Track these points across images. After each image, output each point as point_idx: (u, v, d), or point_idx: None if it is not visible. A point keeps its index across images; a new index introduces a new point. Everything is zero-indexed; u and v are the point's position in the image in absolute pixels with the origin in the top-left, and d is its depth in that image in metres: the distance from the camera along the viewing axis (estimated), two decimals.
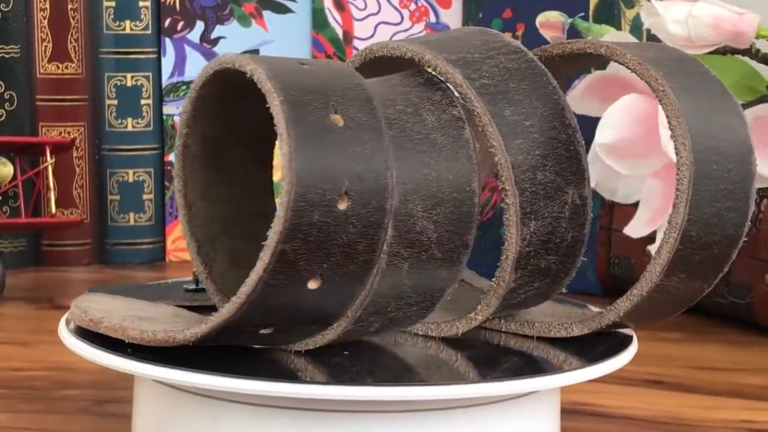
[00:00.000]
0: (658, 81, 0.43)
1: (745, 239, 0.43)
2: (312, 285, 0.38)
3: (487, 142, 0.42)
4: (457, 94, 0.43)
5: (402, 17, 0.86)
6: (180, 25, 0.86)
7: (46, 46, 0.86)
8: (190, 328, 0.39)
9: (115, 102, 0.86)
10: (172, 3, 0.86)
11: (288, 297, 0.38)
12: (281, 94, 0.37)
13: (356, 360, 0.42)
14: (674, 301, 0.44)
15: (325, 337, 0.41)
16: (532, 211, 0.41)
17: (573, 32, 0.79)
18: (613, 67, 0.72)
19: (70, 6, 0.86)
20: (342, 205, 0.37)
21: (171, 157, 0.87)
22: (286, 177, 0.36)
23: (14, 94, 0.85)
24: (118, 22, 0.85)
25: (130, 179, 0.87)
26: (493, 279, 0.43)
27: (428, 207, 0.40)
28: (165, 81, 0.87)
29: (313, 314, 0.40)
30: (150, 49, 0.87)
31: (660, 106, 0.63)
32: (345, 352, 0.42)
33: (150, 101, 0.87)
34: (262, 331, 0.40)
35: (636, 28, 0.78)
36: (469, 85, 0.42)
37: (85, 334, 0.43)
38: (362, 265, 0.39)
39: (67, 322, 0.44)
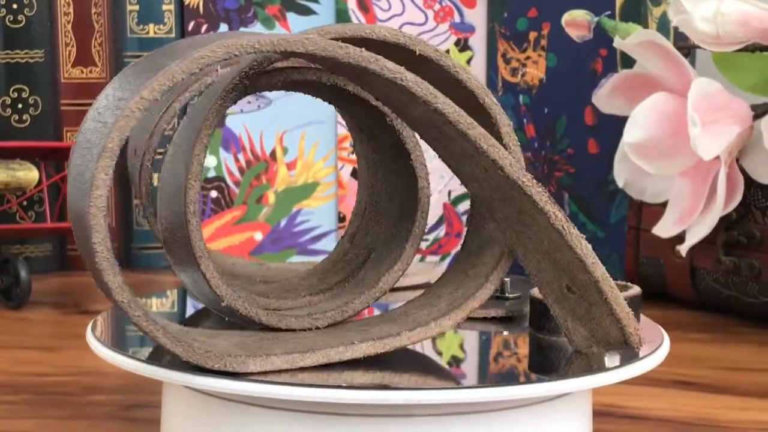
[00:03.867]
0: None
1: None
2: None
3: None
4: None
5: (426, 17, 0.86)
6: (204, 27, 0.86)
7: (70, 51, 0.86)
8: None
9: None
10: (195, 6, 0.86)
11: None
12: None
13: (381, 362, 0.41)
14: None
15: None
16: (163, 199, 0.44)
17: (599, 31, 0.78)
18: (640, 66, 0.72)
19: (93, 10, 0.86)
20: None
21: None
22: None
23: (38, 99, 0.85)
24: (141, 26, 0.85)
25: (156, 183, 0.87)
26: None
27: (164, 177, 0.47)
28: None
29: None
30: None
31: None
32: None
33: (175, 105, 0.87)
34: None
35: (663, 25, 0.78)
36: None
37: (114, 340, 0.42)
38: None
39: (92, 328, 0.44)
